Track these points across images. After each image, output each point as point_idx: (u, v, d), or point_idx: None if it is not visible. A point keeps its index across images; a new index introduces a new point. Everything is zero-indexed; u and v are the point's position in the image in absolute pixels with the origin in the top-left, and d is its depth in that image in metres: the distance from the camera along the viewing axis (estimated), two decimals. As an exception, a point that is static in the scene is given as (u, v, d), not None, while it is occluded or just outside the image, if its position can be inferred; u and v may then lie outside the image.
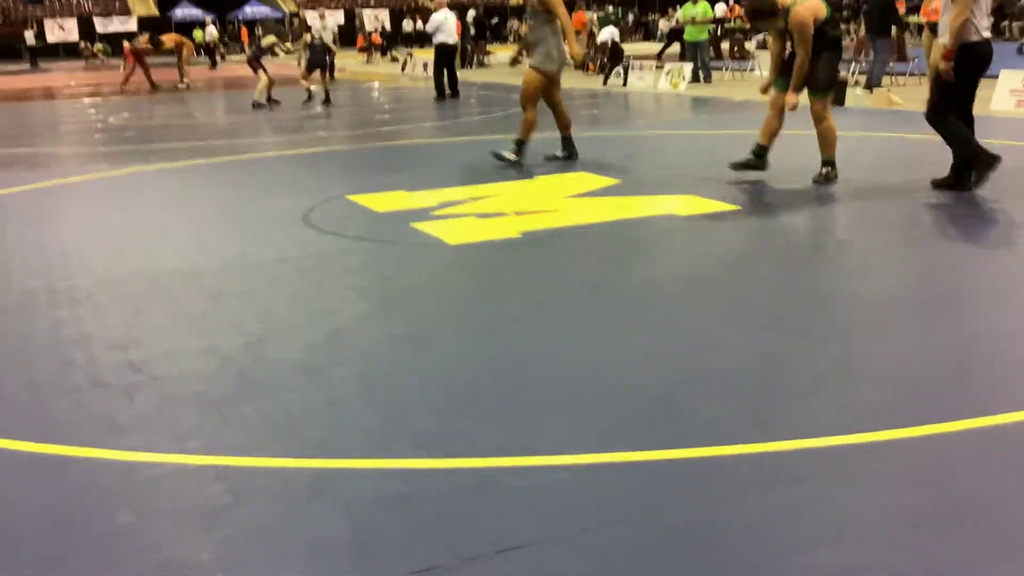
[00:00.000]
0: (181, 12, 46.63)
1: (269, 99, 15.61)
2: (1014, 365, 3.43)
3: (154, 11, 45.98)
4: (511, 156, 8.02)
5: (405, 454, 2.83)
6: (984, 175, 6.35)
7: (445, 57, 15.86)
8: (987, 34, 6.22)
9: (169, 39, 22.06)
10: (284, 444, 2.95)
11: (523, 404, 3.20)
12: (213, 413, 3.21)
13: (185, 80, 21.60)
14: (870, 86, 13.79)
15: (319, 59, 15.89)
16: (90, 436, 3.06)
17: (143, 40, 21.73)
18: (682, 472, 2.68)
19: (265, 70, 15.51)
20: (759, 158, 7.07)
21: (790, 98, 6.83)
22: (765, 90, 7.18)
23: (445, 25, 15.46)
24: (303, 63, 16.87)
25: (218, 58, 33.98)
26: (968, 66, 6.16)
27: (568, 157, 8.37)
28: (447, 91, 15.89)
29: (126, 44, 21.71)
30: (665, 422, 3.01)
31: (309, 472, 2.77)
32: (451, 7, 16.25)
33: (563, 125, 8.36)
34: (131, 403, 3.33)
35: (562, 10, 7.79)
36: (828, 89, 6.91)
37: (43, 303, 4.60)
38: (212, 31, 36.18)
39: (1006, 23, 26.18)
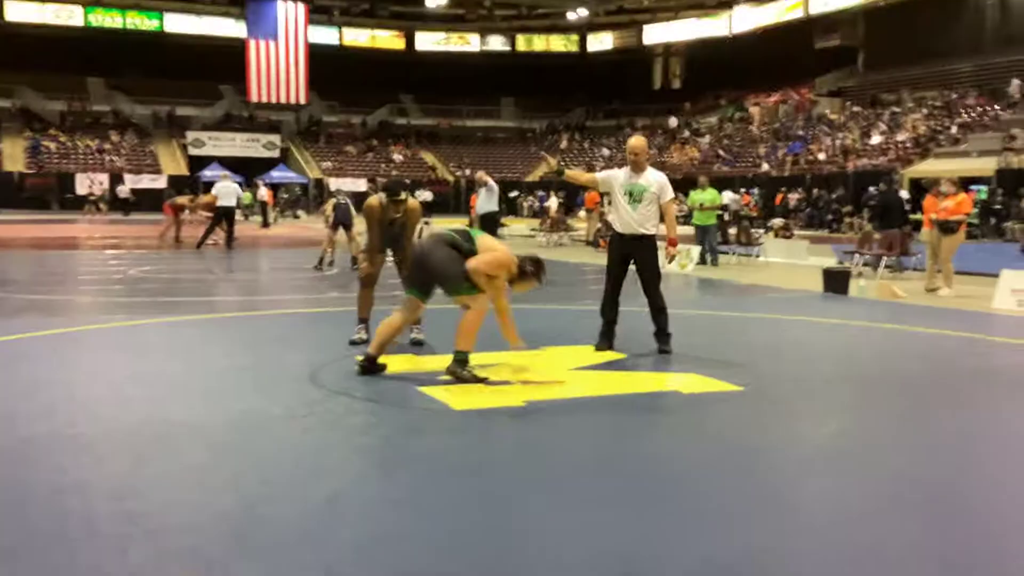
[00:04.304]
0: (210, 173, 48.19)
1: (322, 261, 15.52)
2: None
3: (184, 171, 47.58)
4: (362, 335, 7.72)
5: (397, 623, 2.77)
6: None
7: (492, 224, 17.24)
8: None
9: (209, 198, 22.74)
10: (275, 606, 2.89)
11: (520, 578, 3.15)
12: (204, 571, 3.17)
13: (213, 239, 21.91)
14: None
15: (344, 218, 16.01)
16: (79, 587, 3.01)
17: (185, 199, 22.46)
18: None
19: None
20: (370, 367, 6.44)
21: None
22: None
23: (494, 195, 17.19)
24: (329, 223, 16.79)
25: (271, 219, 33.66)
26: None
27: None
28: None
29: (178, 200, 22.40)
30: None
31: (298, 637, 2.71)
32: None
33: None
34: (124, 555, 3.29)
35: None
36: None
37: (45, 449, 4.60)
38: (263, 192, 35.10)
39: (1009, 224, 26.84)
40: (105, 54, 50.84)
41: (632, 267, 7.63)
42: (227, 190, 20.18)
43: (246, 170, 47.48)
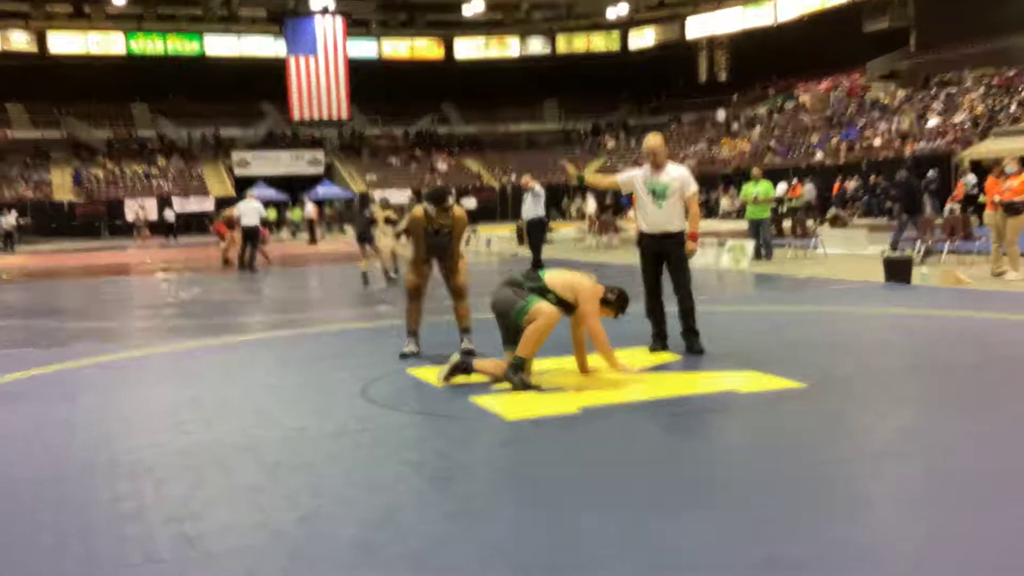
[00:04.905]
0: (257, 192, 48.70)
1: (366, 276, 15.58)
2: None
3: (231, 191, 48.16)
4: (412, 349, 7.77)
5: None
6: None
7: (539, 230, 17.36)
8: None
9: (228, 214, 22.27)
10: (333, 630, 2.84)
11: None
12: (262, 594, 3.13)
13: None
14: None
15: (362, 229, 16.04)
16: (137, 616, 2.99)
17: (229, 212, 22.27)
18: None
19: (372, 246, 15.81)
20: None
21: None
22: None
23: (540, 200, 17.07)
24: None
25: (318, 235, 33.93)
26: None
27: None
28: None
29: (225, 218, 22.07)
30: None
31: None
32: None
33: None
34: (181, 581, 3.27)
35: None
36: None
37: (104, 475, 4.62)
38: (310, 209, 35.20)
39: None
40: (148, 80, 51.80)
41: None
42: (249, 209, 20.07)
43: (291, 187, 47.94)
